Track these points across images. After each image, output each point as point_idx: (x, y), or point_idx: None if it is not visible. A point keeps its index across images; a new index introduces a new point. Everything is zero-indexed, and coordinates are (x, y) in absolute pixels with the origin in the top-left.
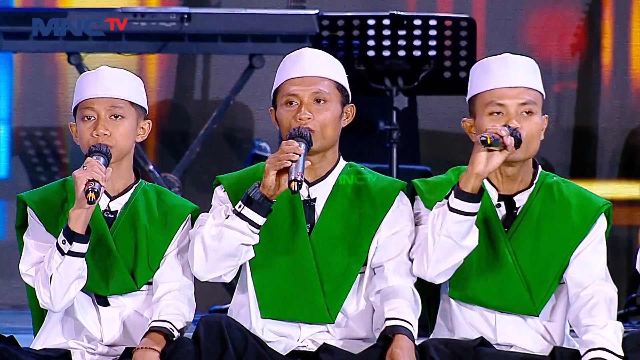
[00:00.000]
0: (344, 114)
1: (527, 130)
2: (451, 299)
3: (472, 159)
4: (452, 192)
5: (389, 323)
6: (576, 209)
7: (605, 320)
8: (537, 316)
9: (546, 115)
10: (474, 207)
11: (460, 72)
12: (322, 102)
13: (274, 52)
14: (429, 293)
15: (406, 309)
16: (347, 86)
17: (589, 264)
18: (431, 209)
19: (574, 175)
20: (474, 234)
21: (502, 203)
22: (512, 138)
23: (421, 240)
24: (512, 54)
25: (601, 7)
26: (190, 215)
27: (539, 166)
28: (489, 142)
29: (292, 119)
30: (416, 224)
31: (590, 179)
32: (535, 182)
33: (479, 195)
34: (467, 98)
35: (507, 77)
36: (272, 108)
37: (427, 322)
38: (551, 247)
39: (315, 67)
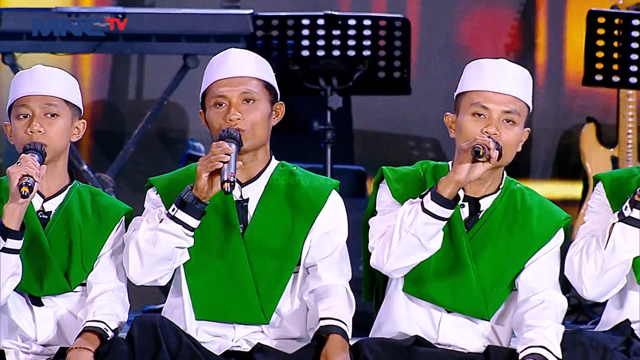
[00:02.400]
0: (274, 112)
1: (505, 139)
2: (402, 293)
3: (456, 166)
4: (429, 193)
5: (323, 323)
6: (537, 219)
7: (550, 323)
8: (488, 320)
9: (528, 129)
10: (447, 212)
11: (395, 72)
12: (251, 101)
13: (208, 52)
14: (378, 285)
15: (340, 309)
16: (275, 84)
17: (542, 272)
18: (397, 198)
19: (508, 174)
20: (439, 238)
21: (466, 204)
22: (497, 152)
23: (385, 232)
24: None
25: (535, 7)
26: (124, 216)
27: (505, 172)
28: (481, 153)
29: (221, 120)
30: (379, 212)
31: (525, 179)
32: (501, 187)
33: (454, 201)
34: (455, 93)
35: (498, 82)
36: (201, 111)
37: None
38: (509, 254)
39: (242, 67)
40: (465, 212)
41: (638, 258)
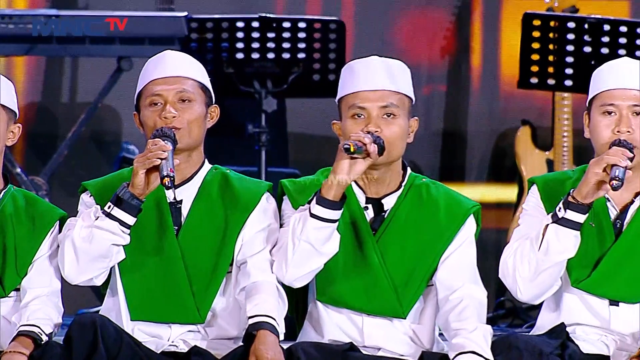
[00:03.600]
0: (209, 114)
1: (388, 134)
2: (318, 302)
3: (335, 166)
4: (314, 197)
5: (251, 321)
6: (444, 210)
7: (474, 323)
8: (405, 318)
9: (416, 118)
10: (335, 214)
11: (330, 74)
12: (186, 101)
13: (142, 55)
14: (297, 297)
15: (268, 304)
16: (210, 87)
17: (458, 267)
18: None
19: (443, 178)
20: (334, 241)
21: (369, 206)
22: (376, 145)
23: (283, 243)
24: (381, 56)
25: (471, 9)
26: (58, 221)
27: (408, 168)
28: (352, 150)
29: (156, 118)
30: (281, 225)
31: (460, 182)
32: (403, 184)
33: (340, 202)
34: (336, 100)
35: (369, 80)
36: (135, 112)
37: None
38: (419, 249)
39: (178, 67)
40: (370, 214)
41: (572, 260)
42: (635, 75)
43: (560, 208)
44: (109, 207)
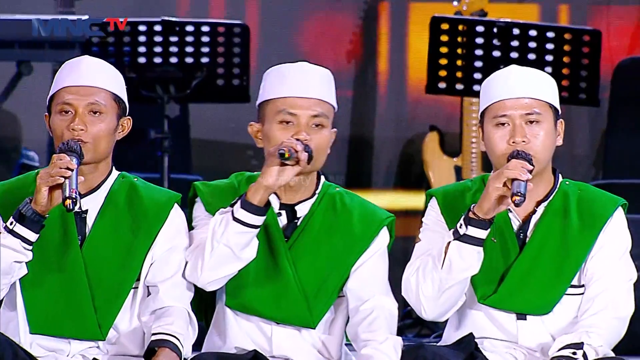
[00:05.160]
0: (120, 126)
1: (316, 143)
2: (227, 308)
3: (264, 171)
4: (239, 201)
5: (154, 337)
6: (358, 221)
7: (384, 334)
8: (314, 329)
9: (335, 130)
10: (258, 219)
11: (234, 79)
12: (97, 113)
13: (43, 59)
14: (206, 302)
15: (176, 327)
16: (125, 98)
17: (370, 278)
18: (211, 213)
19: (349, 185)
20: (253, 247)
21: (283, 212)
22: (306, 154)
23: (198, 245)
24: (293, 62)
25: (377, 13)
26: None
27: (322, 176)
28: (287, 156)
29: (65, 128)
30: (195, 227)
31: (367, 189)
32: (317, 192)
33: (265, 208)
34: (258, 102)
35: (302, 87)
36: (47, 114)
37: None
38: (331, 259)
39: (93, 77)
40: (283, 220)
41: (477, 275)
42: (526, 82)
43: (461, 224)
44: (11, 224)
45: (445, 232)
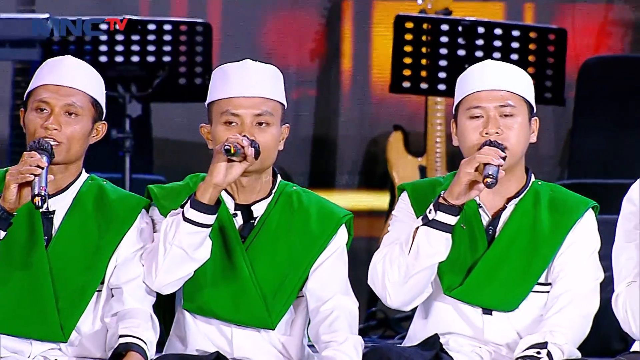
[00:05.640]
0: (94, 130)
1: (262, 142)
2: (185, 311)
3: (212, 168)
4: (188, 201)
5: (122, 340)
6: (316, 219)
7: (345, 335)
8: (273, 330)
9: (287, 125)
10: (209, 218)
11: (196, 78)
12: (73, 115)
13: (3, 58)
14: (165, 306)
15: (142, 329)
16: (103, 103)
17: (329, 277)
18: (165, 215)
19: (313, 185)
20: (206, 247)
21: (239, 213)
22: (253, 149)
23: (152, 248)
24: (255, 60)
25: (341, 11)
26: None
27: (278, 175)
28: (232, 151)
29: (39, 126)
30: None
31: (330, 189)
32: (274, 191)
33: (215, 206)
34: (206, 103)
35: (243, 86)
36: (22, 109)
37: None
38: (289, 258)
39: (73, 77)
40: (239, 221)
41: (444, 267)
42: (501, 75)
43: (430, 210)
44: None
45: (414, 224)
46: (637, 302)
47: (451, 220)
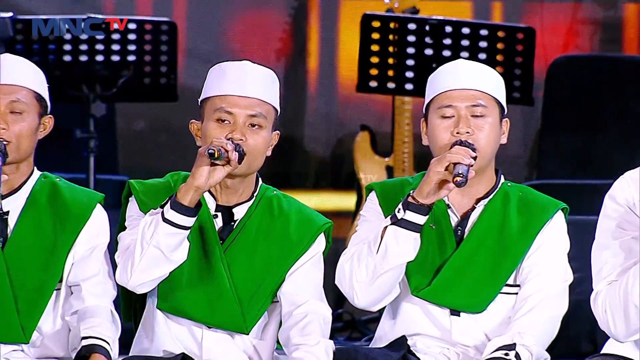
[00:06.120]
0: (42, 125)
1: (251, 144)
2: (158, 311)
3: (194, 171)
4: (169, 202)
5: (85, 342)
6: (296, 226)
7: (317, 338)
8: (247, 334)
9: (277, 132)
10: (189, 220)
11: (161, 78)
12: (18, 113)
13: None
14: (135, 304)
15: (103, 328)
16: (47, 97)
17: (304, 283)
18: (145, 212)
19: (279, 185)
20: (184, 249)
21: (219, 214)
22: (237, 154)
23: (128, 247)
24: (220, 60)
25: (307, 10)
26: None
27: (260, 179)
28: (216, 155)
29: None
30: (128, 227)
31: (297, 190)
32: (255, 194)
33: (195, 209)
34: (200, 99)
35: (241, 86)
36: None
37: None
38: (267, 263)
39: (14, 75)
40: (219, 222)
41: (412, 267)
42: (472, 75)
43: (399, 209)
44: None
45: (383, 223)
46: (619, 301)
47: (420, 219)
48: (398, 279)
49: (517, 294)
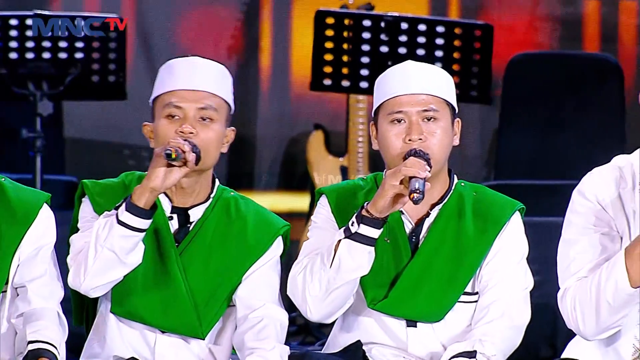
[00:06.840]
0: None
1: (203, 137)
2: (111, 314)
3: (150, 172)
4: (124, 204)
5: (31, 346)
6: (253, 229)
7: (272, 343)
8: (203, 339)
9: (233, 128)
10: (144, 223)
11: (110, 75)
12: None
13: None
14: (87, 307)
15: (50, 331)
16: None
17: (260, 286)
18: (99, 213)
19: (231, 186)
20: (138, 251)
21: (175, 216)
22: (194, 155)
23: (81, 249)
24: (170, 57)
25: (260, 6)
26: None
27: (217, 179)
28: (173, 156)
29: None
30: (80, 229)
31: (249, 190)
32: (212, 196)
33: (151, 211)
34: (150, 100)
35: (189, 80)
36: None
37: None
38: (224, 266)
39: None
40: (174, 225)
41: (368, 279)
42: (422, 79)
43: (353, 222)
44: None
45: (335, 231)
46: (590, 298)
47: (374, 233)
48: (352, 291)
49: (476, 302)
